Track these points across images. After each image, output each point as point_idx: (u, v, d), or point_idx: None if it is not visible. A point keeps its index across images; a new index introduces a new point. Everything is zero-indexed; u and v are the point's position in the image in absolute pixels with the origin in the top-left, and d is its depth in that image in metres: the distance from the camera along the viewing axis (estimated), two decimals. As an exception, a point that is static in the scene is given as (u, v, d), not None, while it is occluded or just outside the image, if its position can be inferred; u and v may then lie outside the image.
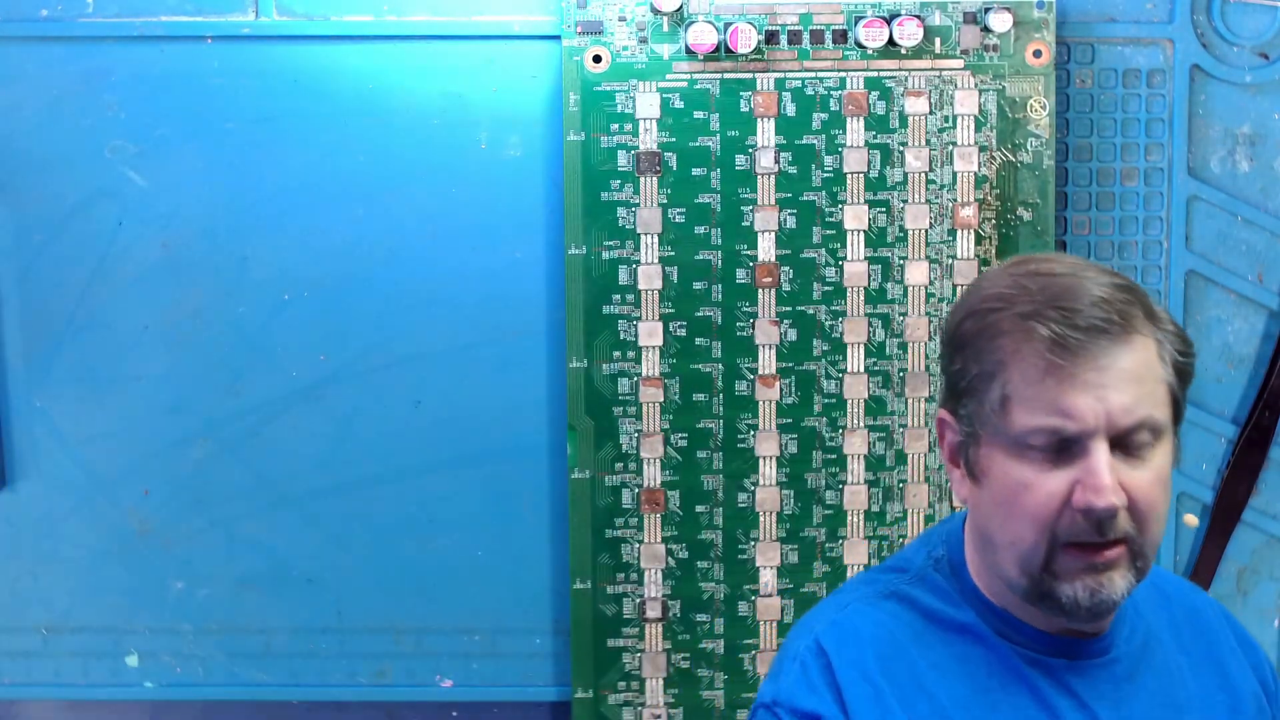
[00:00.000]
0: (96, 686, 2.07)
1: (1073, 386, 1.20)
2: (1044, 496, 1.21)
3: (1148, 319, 1.23)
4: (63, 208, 1.98)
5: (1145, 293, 1.26)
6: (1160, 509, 1.23)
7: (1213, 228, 2.00)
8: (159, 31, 1.95)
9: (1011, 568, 1.24)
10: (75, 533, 2.04)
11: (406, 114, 1.96)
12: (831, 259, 1.96)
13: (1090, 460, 1.20)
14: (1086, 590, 1.21)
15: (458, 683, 2.06)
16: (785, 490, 1.98)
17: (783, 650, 1.33)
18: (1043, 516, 1.21)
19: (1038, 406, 1.20)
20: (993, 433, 1.24)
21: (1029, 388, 1.21)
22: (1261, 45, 1.97)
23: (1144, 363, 1.22)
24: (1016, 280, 1.24)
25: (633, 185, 1.94)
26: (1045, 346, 1.20)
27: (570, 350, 1.96)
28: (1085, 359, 1.20)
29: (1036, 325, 1.20)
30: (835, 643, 1.28)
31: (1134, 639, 1.31)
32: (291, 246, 1.98)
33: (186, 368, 2.00)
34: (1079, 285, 1.22)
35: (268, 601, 2.04)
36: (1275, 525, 2.04)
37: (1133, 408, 1.20)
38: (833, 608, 1.33)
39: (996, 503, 1.24)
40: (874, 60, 1.93)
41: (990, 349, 1.23)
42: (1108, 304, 1.21)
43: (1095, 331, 1.20)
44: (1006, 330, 1.23)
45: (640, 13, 1.92)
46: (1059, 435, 1.20)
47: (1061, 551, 1.21)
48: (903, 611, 1.30)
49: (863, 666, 1.26)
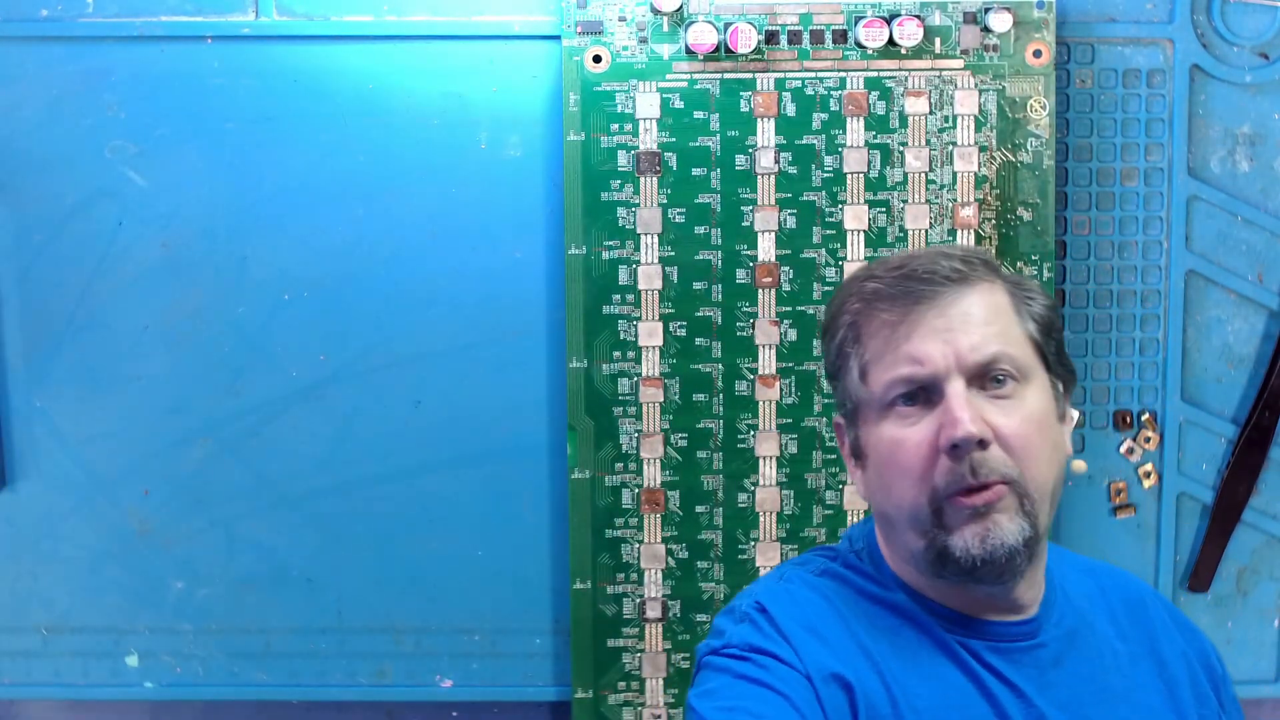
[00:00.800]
0: (96, 686, 2.07)
1: (917, 333, 1.25)
2: (913, 448, 1.25)
3: (996, 274, 1.29)
4: (63, 208, 1.98)
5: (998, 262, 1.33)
6: (1038, 448, 1.25)
7: (1213, 228, 2.00)
8: (159, 31, 1.95)
9: (909, 533, 1.27)
10: (75, 533, 2.04)
11: (406, 114, 1.96)
12: (831, 259, 1.96)
13: (947, 399, 1.24)
14: (976, 537, 1.23)
15: (458, 683, 2.07)
16: (785, 490, 1.98)
17: (718, 620, 1.33)
18: (918, 468, 1.24)
19: (890, 361, 1.26)
20: (863, 405, 1.29)
21: (879, 347, 1.27)
22: (1261, 45, 1.97)
23: (991, 306, 1.27)
24: (867, 266, 1.32)
25: (633, 185, 1.94)
26: (885, 305, 1.27)
27: (570, 350, 1.96)
28: (925, 306, 1.25)
29: (876, 286, 1.27)
30: (776, 604, 1.29)
31: (1062, 625, 1.32)
32: (291, 246, 1.98)
33: (186, 368, 2.00)
34: (920, 252, 1.29)
35: (268, 601, 2.04)
36: (1275, 525, 2.04)
37: (981, 345, 1.24)
38: (771, 579, 1.35)
39: (880, 472, 1.28)
40: (874, 60, 1.93)
41: (844, 326, 1.30)
42: (946, 257, 1.27)
43: (933, 279, 1.26)
44: (855, 304, 1.30)
45: (640, 13, 1.92)
46: (914, 382, 1.25)
47: (946, 503, 1.24)
48: (838, 587, 1.32)
49: (805, 623, 1.27)
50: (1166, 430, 2.02)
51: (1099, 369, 2.02)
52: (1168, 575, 2.03)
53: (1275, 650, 2.06)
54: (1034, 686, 1.28)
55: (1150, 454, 2.03)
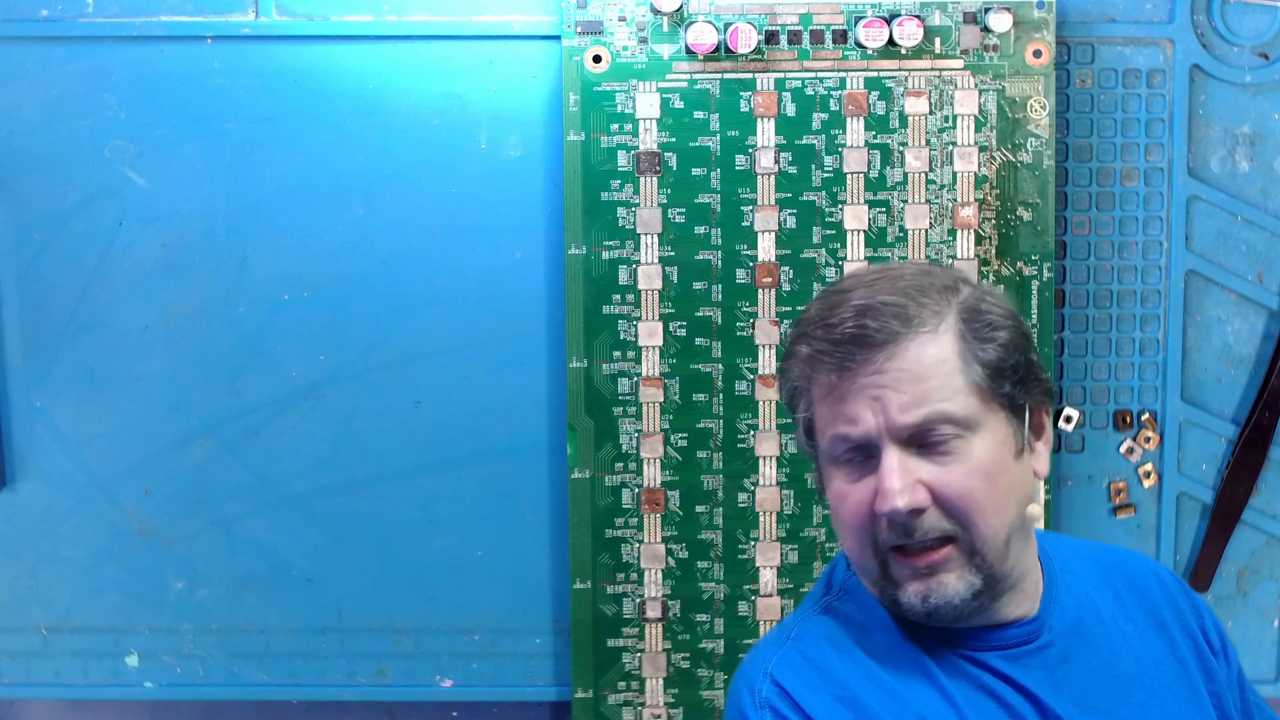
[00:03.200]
0: (96, 686, 2.07)
1: (850, 394, 1.22)
2: (854, 505, 1.24)
3: (945, 314, 1.23)
4: (63, 208, 1.98)
5: (954, 281, 1.26)
6: (981, 502, 1.22)
7: (1213, 228, 2.00)
8: (159, 31, 1.95)
9: (865, 580, 1.27)
10: (75, 533, 2.04)
11: (406, 114, 1.96)
12: (831, 259, 1.96)
13: (881, 466, 1.21)
14: (919, 595, 1.23)
15: (458, 683, 2.07)
16: (785, 490, 1.98)
17: (738, 702, 1.30)
18: (858, 525, 1.24)
19: (828, 420, 1.24)
20: (816, 453, 1.28)
21: (820, 405, 1.25)
22: (1261, 45, 1.97)
23: (930, 360, 1.22)
24: (812, 307, 1.29)
25: (633, 185, 1.94)
26: (825, 369, 1.24)
27: (570, 350, 1.96)
28: (858, 367, 1.22)
29: (814, 351, 1.25)
30: (792, 678, 1.27)
31: (1065, 620, 1.31)
32: (291, 246, 1.98)
33: (186, 368, 2.00)
34: (856, 297, 1.24)
35: (268, 601, 2.04)
36: (1275, 525, 2.04)
37: (914, 405, 1.21)
38: (776, 642, 1.32)
39: (834, 520, 1.28)
40: (874, 60, 1.93)
41: (790, 379, 1.29)
42: (878, 311, 1.22)
43: (861, 341, 1.22)
44: (796, 359, 1.28)
45: (640, 13, 1.92)
46: (849, 442, 1.23)
47: (891, 557, 1.23)
48: (839, 627, 1.30)
49: (827, 689, 1.25)
50: (1166, 430, 2.02)
51: (1099, 369, 2.02)
52: (1168, 575, 2.03)
53: (1275, 650, 2.06)
54: (1046, 687, 1.27)
55: (1150, 454, 2.03)
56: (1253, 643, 2.05)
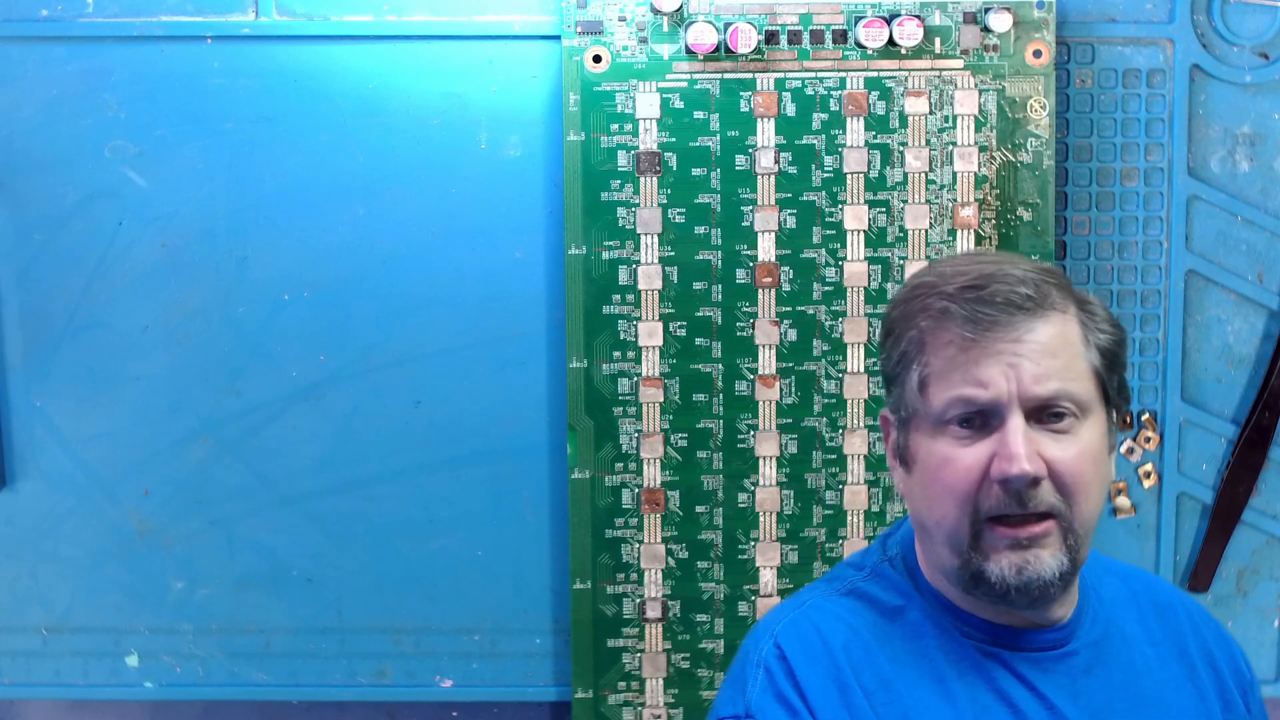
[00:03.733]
0: (96, 686, 2.07)
1: (985, 357, 1.23)
2: (963, 470, 1.23)
3: (1069, 299, 1.27)
4: (63, 208, 1.98)
5: (1068, 280, 1.30)
6: (1090, 485, 1.24)
7: (1213, 228, 2.00)
8: (159, 31, 1.95)
9: (944, 550, 1.26)
10: (75, 533, 2.04)
11: (406, 114, 1.96)
12: (831, 259, 1.96)
13: (1005, 430, 1.22)
14: (1013, 567, 1.23)
15: (458, 683, 2.07)
16: (785, 490, 1.98)
17: (743, 654, 1.32)
18: (963, 490, 1.23)
19: (952, 380, 1.24)
20: (917, 415, 1.27)
21: (944, 364, 1.24)
22: (1261, 45, 1.97)
23: (1060, 337, 1.25)
24: (938, 270, 1.29)
25: (633, 185, 1.94)
26: (957, 323, 1.24)
27: (570, 350, 1.96)
28: (997, 331, 1.23)
29: (949, 304, 1.24)
30: (794, 644, 1.28)
31: (1094, 631, 1.32)
32: (291, 246, 1.98)
33: (186, 368, 2.00)
34: (995, 269, 1.26)
35: (268, 601, 2.04)
36: (1275, 525, 2.04)
37: (1046, 378, 1.23)
38: (791, 607, 1.34)
39: (924, 485, 1.27)
40: (874, 60, 1.93)
41: (910, 334, 1.27)
42: (1021, 282, 1.25)
43: (1008, 306, 1.23)
44: (924, 314, 1.26)
45: (640, 13, 1.92)
46: (974, 405, 1.23)
47: (987, 527, 1.23)
48: (861, 608, 1.31)
49: (824, 666, 1.27)
50: (1166, 430, 2.02)
51: (1099, 369, 2.02)
52: (1168, 575, 2.03)
53: (1275, 650, 2.06)
54: (1065, 696, 1.28)
55: (1150, 454, 2.03)
56: (1253, 643, 2.05)
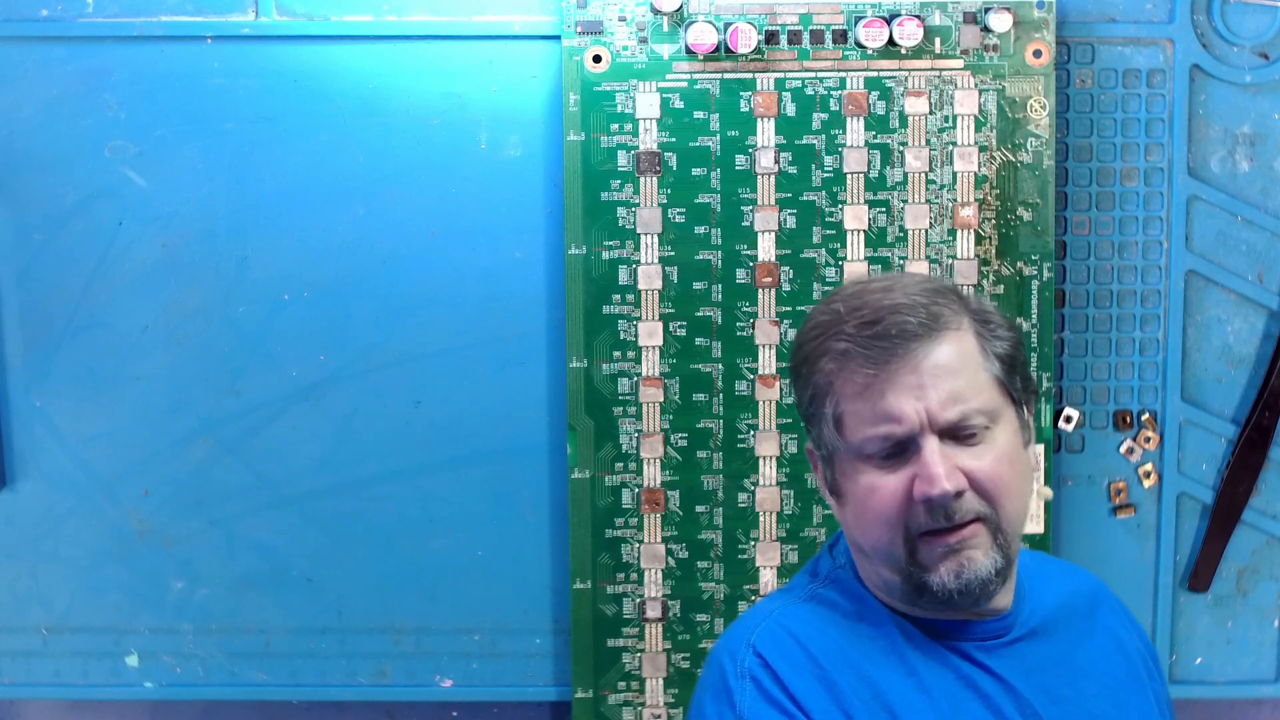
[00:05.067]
0: (96, 686, 2.07)
1: (892, 391, 1.28)
2: (889, 496, 1.28)
3: (963, 314, 1.31)
4: (63, 208, 1.98)
5: (956, 288, 1.35)
6: (1010, 486, 1.29)
7: (1213, 228, 2.00)
8: (159, 31, 1.95)
9: (884, 569, 1.32)
10: (75, 533, 2.04)
11: (406, 114, 1.96)
12: (831, 259, 1.96)
13: (922, 455, 1.27)
14: (951, 573, 1.28)
15: (458, 683, 2.07)
16: (785, 490, 1.98)
17: (718, 668, 1.34)
18: (892, 514, 1.28)
19: (866, 417, 1.29)
20: (839, 451, 1.32)
21: (854, 402, 1.29)
22: (1261, 45, 1.97)
23: (959, 355, 1.29)
24: (832, 307, 1.33)
25: (633, 185, 1.94)
26: (859, 362, 1.29)
27: (570, 350, 1.96)
28: (897, 364, 1.28)
29: (849, 345, 1.29)
30: (775, 651, 1.32)
31: (1034, 618, 1.37)
32: (291, 246, 1.98)
33: (186, 368, 2.00)
34: (884, 297, 1.30)
35: (268, 601, 2.04)
36: (1275, 525, 2.04)
37: (951, 400, 1.28)
38: (759, 616, 1.36)
39: (856, 514, 1.32)
40: (874, 60, 1.93)
41: (816, 377, 1.32)
42: (910, 309, 1.29)
43: (903, 336, 1.28)
44: (826, 356, 1.31)
45: (640, 13, 1.92)
46: (891, 439, 1.28)
47: (919, 542, 1.28)
48: (824, 612, 1.36)
49: (808, 670, 1.30)
50: (1166, 430, 2.02)
51: (1099, 369, 2.02)
52: (1168, 575, 2.03)
53: (1275, 650, 2.06)
54: (1019, 675, 1.34)
55: (1150, 454, 2.03)
56: (1253, 643, 2.05)
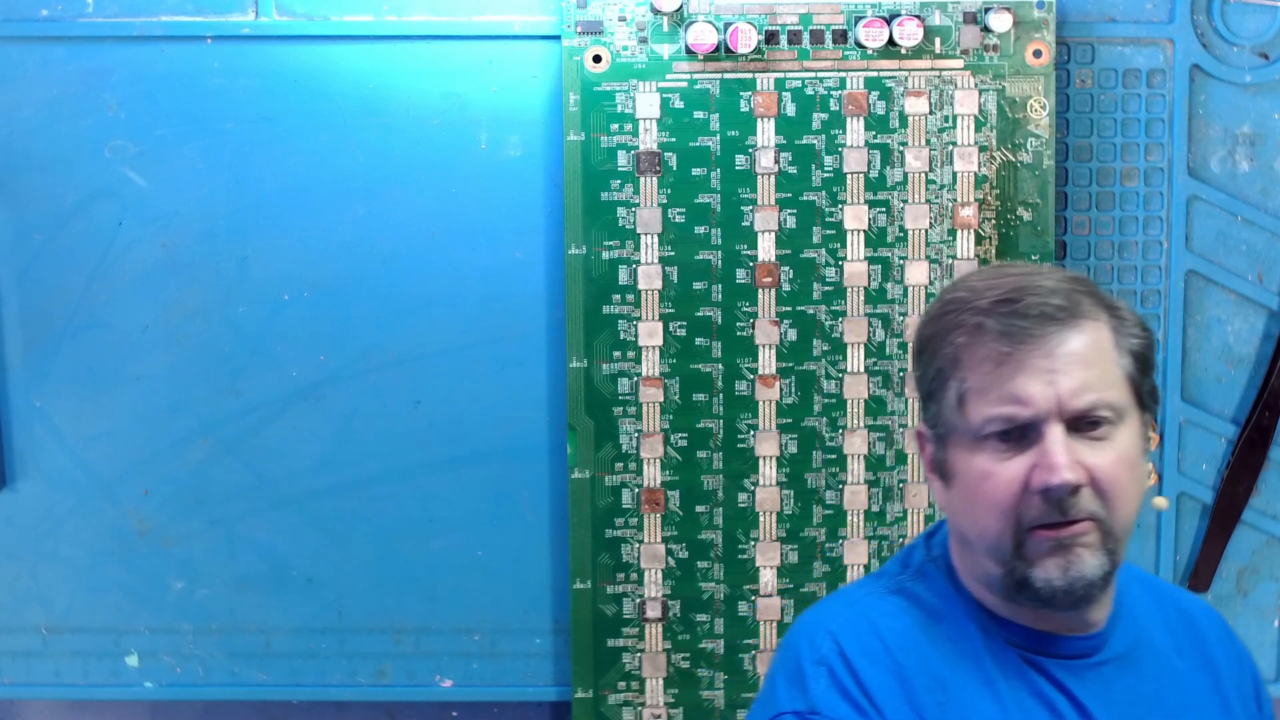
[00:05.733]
0: (96, 686, 2.07)
1: (1022, 373, 1.24)
2: (1004, 483, 1.24)
3: (1100, 307, 1.28)
4: (63, 208, 1.98)
5: (1096, 286, 1.31)
6: (1127, 488, 1.26)
7: (1213, 228, 2.00)
8: (159, 31, 1.95)
9: (987, 560, 1.28)
10: (75, 533, 2.04)
11: (406, 114, 1.96)
12: (831, 259, 1.96)
13: (1045, 442, 1.23)
14: (1058, 569, 1.24)
15: (458, 683, 2.07)
16: (785, 490, 1.98)
17: (793, 651, 1.31)
18: (1005, 503, 1.24)
19: (991, 397, 1.24)
20: (955, 431, 1.27)
21: (981, 380, 1.25)
22: (1261, 45, 1.97)
23: (1094, 346, 1.26)
24: (969, 284, 1.30)
25: (633, 185, 1.94)
26: (992, 338, 1.25)
27: (570, 350, 1.96)
28: (1032, 345, 1.24)
29: (984, 319, 1.25)
30: (853, 642, 1.28)
31: (1125, 641, 1.33)
32: (291, 246, 1.98)
33: (186, 368, 2.00)
34: (1026, 281, 1.27)
35: (268, 601, 2.04)
36: (1275, 525, 2.04)
37: (1083, 390, 1.24)
38: (842, 604, 1.34)
39: (964, 499, 1.28)
40: (874, 60, 1.93)
41: (944, 350, 1.28)
42: (1052, 293, 1.26)
43: (1041, 319, 1.24)
44: (958, 329, 1.27)
45: (640, 13, 1.92)
46: (1014, 422, 1.24)
47: (1029, 535, 1.24)
48: (909, 607, 1.32)
49: (885, 664, 1.27)
50: (1166, 430, 2.02)
51: (1099, 369, 2.02)
52: (1168, 575, 2.03)
53: (1275, 650, 2.06)
54: (1099, 703, 1.29)
55: (1150, 454, 2.02)
56: (1253, 643, 2.05)
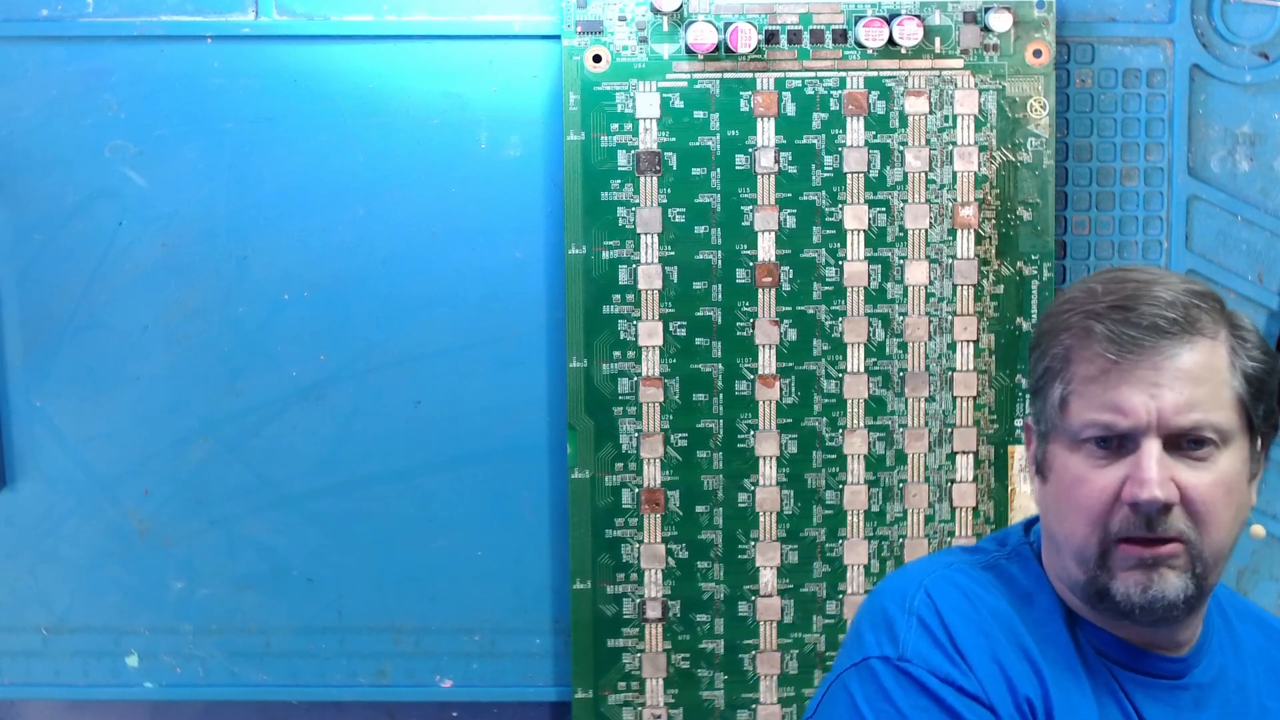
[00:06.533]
0: (96, 686, 2.07)
1: (1126, 383, 1.22)
2: (1096, 490, 1.23)
3: (1220, 324, 1.25)
4: (63, 208, 1.98)
5: (1223, 300, 1.28)
6: (1221, 513, 1.23)
7: (1213, 228, 2.00)
8: (159, 31, 1.95)
9: (1071, 564, 1.26)
10: (75, 533, 2.04)
11: (406, 114, 1.96)
12: (831, 259, 1.96)
13: (1139, 456, 1.22)
14: (1138, 586, 1.22)
15: (458, 683, 2.06)
16: (785, 490, 1.98)
17: (880, 604, 1.29)
18: (1095, 510, 1.23)
19: (1093, 402, 1.23)
20: (1056, 430, 1.27)
21: (1086, 384, 1.24)
22: (1261, 45, 1.97)
23: (1205, 364, 1.23)
24: (1089, 285, 1.28)
25: (633, 185, 1.94)
26: (1101, 344, 1.23)
27: (570, 350, 1.96)
28: (1139, 356, 1.22)
29: (1095, 324, 1.24)
30: (947, 600, 1.27)
31: (1209, 671, 1.30)
32: (291, 246, 1.98)
33: (186, 368, 2.00)
34: (1146, 288, 1.25)
35: (268, 601, 2.04)
36: (1275, 525, 2.04)
37: (1187, 408, 1.22)
38: (936, 564, 1.32)
39: (1057, 499, 1.27)
40: (874, 60, 1.93)
41: (1055, 349, 1.27)
42: (1169, 305, 1.23)
43: (1152, 330, 1.22)
44: (1071, 330, 1.26)
45: (640, 13, 1.92)
46: (1112, 430, 1.23)
47: (1115, 547, 1.23)
48: (1001, 585, 1.30)
49: (976, 624, 1.25)
50: (1166, 430, 2.02)
51: (1099, 369, 2.02)
52: (1168, 575, 2.03)
53: (1275, 650, 2.06)
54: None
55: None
56: (1253, 643, 2.05)
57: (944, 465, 1.98)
